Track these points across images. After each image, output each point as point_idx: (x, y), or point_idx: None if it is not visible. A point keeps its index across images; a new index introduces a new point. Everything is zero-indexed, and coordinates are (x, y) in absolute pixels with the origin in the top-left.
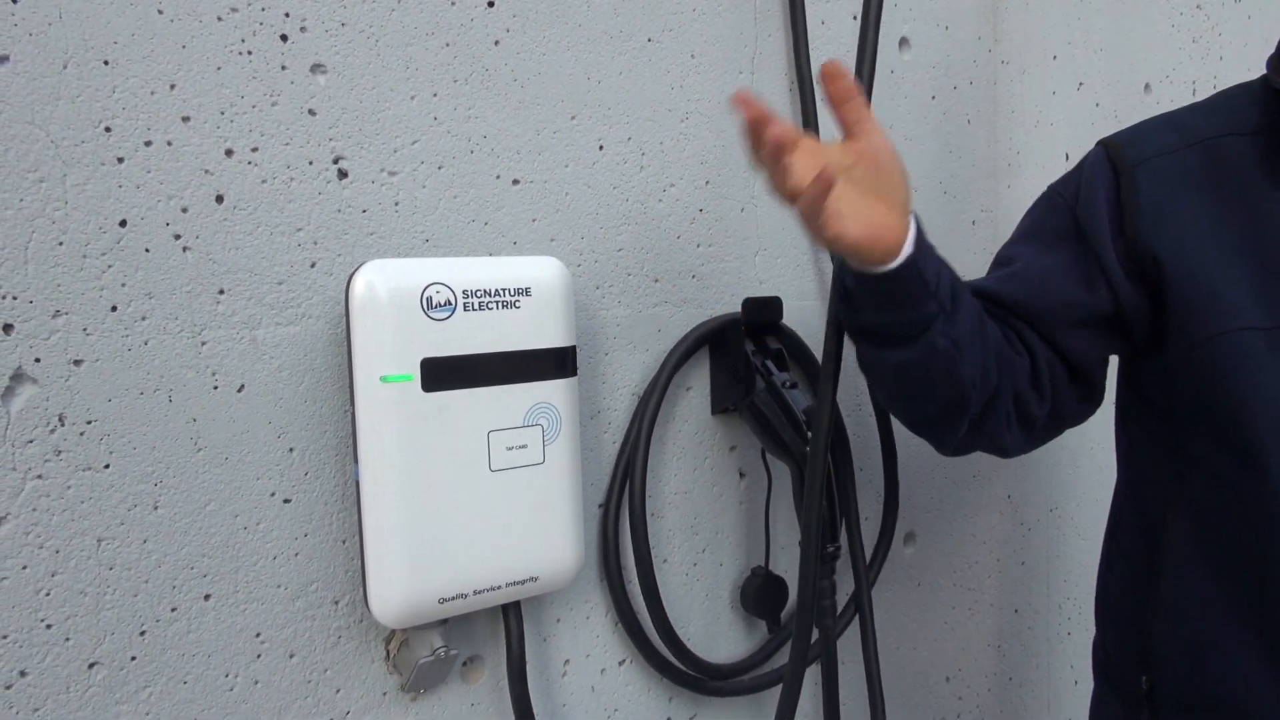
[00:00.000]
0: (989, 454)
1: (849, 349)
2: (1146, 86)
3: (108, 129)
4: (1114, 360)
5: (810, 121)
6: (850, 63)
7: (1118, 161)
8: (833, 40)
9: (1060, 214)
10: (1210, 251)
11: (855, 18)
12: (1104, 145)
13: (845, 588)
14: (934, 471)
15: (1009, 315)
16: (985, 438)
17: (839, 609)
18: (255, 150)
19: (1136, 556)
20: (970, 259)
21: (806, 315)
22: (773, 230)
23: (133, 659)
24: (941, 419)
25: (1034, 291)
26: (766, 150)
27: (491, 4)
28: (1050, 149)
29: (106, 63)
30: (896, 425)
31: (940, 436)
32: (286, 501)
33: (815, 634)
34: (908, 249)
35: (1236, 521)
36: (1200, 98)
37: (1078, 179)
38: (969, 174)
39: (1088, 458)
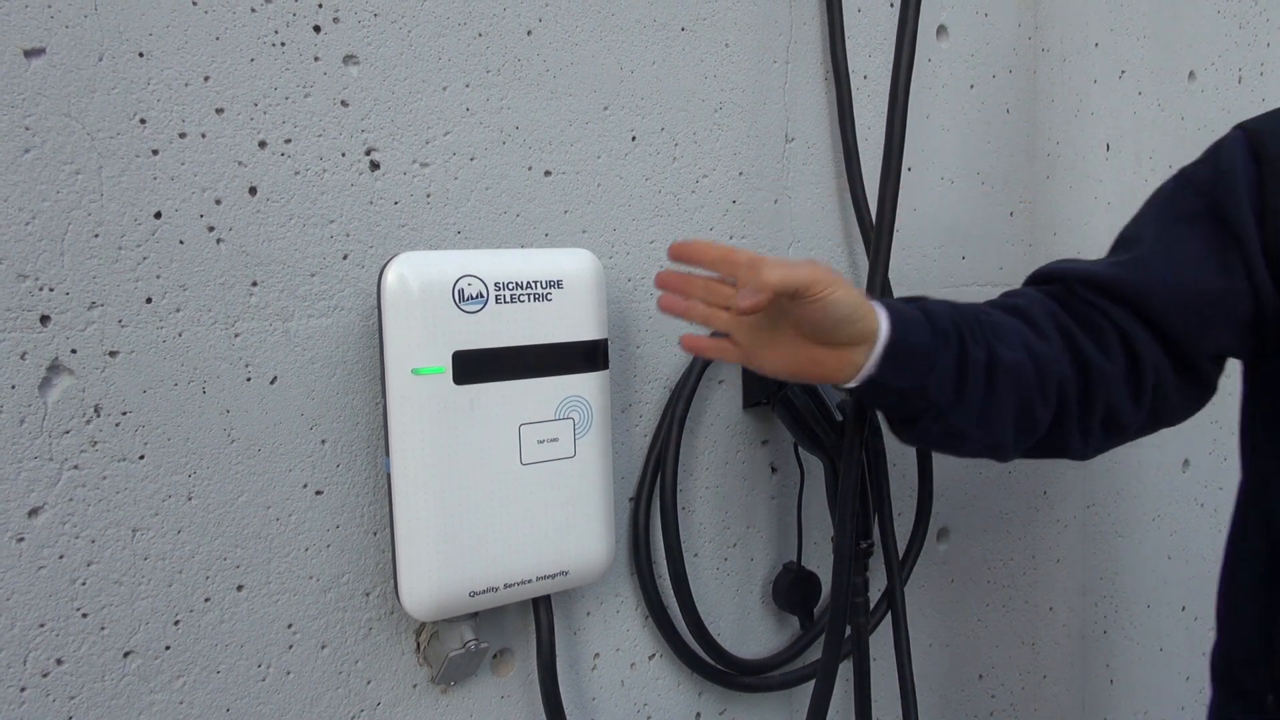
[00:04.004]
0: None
1: None
2: (1191, 74)
3: (143, 121)
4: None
5: (846, 111)
6: (888, 51)
7: (1260, 150)
8: (869, 28)
9: (1194, 199)
10: None
11: (892, 5)
12: (1244, 130)
13: (877, 583)
14: (968, 467)
15: (1115, 305)
16: (1052, 451)
17: (871, 605)
18: (288, 142)
19: (1261, 564)
20: (1008, 250)
21: None
22: (806, 222)
23: (167, 648)
24: (979, 456)
25: (1159, 280)
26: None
27: None
28: (1091, 139)
29: (141, 54)
30: None
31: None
32: (318, 493)
33: (847, 630)
34: (865, 373)
35: None
36: (1247, 86)
37: (1213, 163)
38: (1007, 165)
39: (1125, 454)
